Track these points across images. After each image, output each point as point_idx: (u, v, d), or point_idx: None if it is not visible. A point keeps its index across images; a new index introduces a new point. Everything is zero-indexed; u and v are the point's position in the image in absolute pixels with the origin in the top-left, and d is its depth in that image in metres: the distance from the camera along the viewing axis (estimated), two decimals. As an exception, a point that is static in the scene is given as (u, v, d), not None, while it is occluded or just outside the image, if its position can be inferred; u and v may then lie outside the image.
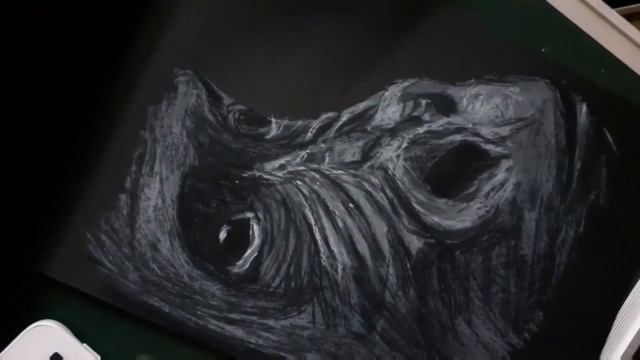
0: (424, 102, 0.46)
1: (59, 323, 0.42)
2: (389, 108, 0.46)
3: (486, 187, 0.47)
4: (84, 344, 0.42)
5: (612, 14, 0.50)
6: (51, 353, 0.41)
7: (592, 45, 0.50)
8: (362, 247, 0.45)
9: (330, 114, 0.46)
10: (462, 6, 0.48)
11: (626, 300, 0.49)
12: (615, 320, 0.48)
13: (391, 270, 0.45)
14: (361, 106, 0.46)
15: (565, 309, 0.47)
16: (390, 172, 0.46)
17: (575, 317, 0.47)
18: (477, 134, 0.47)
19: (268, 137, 0.45)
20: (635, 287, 0.49)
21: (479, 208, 0.46)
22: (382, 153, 0.46)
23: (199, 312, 0.43)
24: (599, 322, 0.48)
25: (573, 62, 0.49)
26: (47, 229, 0.42)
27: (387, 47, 0.46)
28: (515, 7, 0.49)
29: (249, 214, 0.44)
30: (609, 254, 0.48)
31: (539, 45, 0.49)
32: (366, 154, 0.46)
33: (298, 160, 0.45)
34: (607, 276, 0.48)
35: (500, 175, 0.47)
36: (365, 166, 0.46)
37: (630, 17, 0.71)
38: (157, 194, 0.43)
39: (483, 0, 0.49)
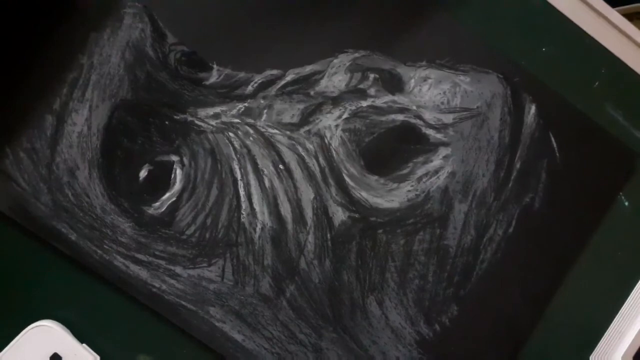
0: (371, 76, 0.46)
1: (58, 323, 0.41)
2: (335, 76, 0.45)
3: (420, 171, 0.46)
4: (84, 344, 0.41)
5: (613, 14, 0.50)
6: (51, 353, 0.40)
7: (593, 45, 0.49)
8: (286, 210, 0.44)
9: (275, 71, 0.45)
10: (462, 7, 0.47)
11: (626, 301, 0.48)
12: (615, 321, 0.47)
13: (311, 238, 0.44)
14: (308, 69, 0.45)
15: (482, 307, 0.46)
16: (326, 141, 0.45)
17: (490, 317, 0.46)
18: (420, 117, 0.46)
19: (207, 83, 0.44)
20: (635, 287, 0.48)
21: (409, 191, 0.46)
22: (321, 120, 0.45)
23: (106, 247, 0.42)
24: (514, 325, 0.47)
25: (573, 62, 0.49)
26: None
27: (344, 15, 0.46)
28: (515, 6, 0.48)
29: (174, 157, 0.43)
30: (535, 258, 0.47)
31: (539, 44, 0.48)
32: (305, 118, 0.45)
33: (234, 112, 0.44)
34: (529, 281, 0.47)
35: (436, 162, 0.46)
36: (302, 130, 0.45)
37: (630, 17, 0.70)
38: (84, 120, 0.42)
39: (484, 0, 0.48)
